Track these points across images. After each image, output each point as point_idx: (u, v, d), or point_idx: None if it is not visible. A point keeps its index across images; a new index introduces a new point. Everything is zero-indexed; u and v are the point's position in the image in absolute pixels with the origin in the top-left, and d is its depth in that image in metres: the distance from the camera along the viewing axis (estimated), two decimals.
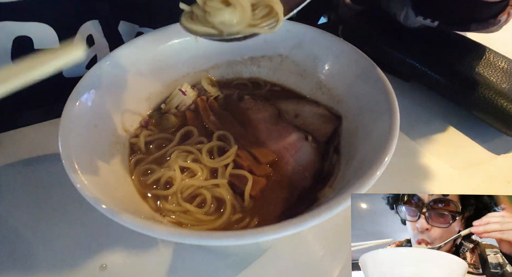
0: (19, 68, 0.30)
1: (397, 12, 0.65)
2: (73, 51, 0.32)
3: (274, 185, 0.47)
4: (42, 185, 0.56)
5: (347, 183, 0.40)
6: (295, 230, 0.33)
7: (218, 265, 0.48)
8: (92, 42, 0.67)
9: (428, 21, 0.61)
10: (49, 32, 0.60)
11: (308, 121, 0.53)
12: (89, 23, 0.63)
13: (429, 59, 0.65)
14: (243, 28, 0.40)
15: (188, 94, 0.57)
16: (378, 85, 0.46)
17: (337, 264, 0.48)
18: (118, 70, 0.51)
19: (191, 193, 0.46)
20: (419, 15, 0.61)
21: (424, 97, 0.69)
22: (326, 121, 0.52)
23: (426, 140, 0.62)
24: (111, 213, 0.35)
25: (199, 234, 0.34)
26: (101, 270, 0.47)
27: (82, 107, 0.46)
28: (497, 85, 0.59)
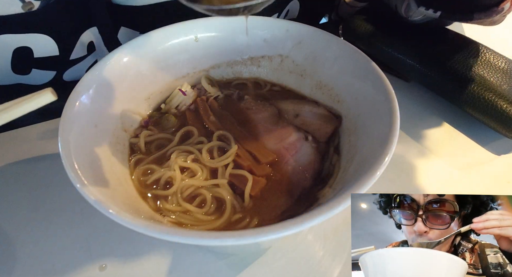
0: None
1: (398, 4, 0.64)
2: (44, 97, 0.37)
3: (274, 185, 0.47)
4: (42, 185, 0.56)
5: (347, 183, 0.40)
6: (295, 230, 0.33)
7: (218, 265, 0.48)
8: (93, 49, 0.67)
9: (431, 12, 0.60)
10: (49, 42, 0.61)
11: (308, 121, 0.53)
12: (88, 31, 0.64)
13: (429, 59, 0.65)
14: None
15: (188, 94, 0.57)
16: (378, 85, 0.46)
17: (337, 264, 0.48)
18: (118, 70, 0.51)
19: (191, 193, 0.46)
20: (420, 5, 0.60)
21: (424, 97, 0.69)
22: (326, 121, 0.52)
23: (426, 140, 0.62)
24: (111, 213, 0.35)
25: (199, 234, 0.34)
26: (101, 270, 0.47)
27: (82, 107, 0.46)
28: (497, 87, 0.59)
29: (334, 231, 0.51)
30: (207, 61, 0.60)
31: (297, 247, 0.50)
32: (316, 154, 0.50)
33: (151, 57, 0.55)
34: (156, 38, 0.55)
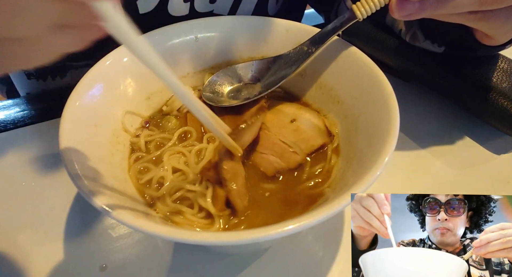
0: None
1: (403, 30, 0.64)
2: None
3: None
4: (42, 185, 0.56)
5: (347, 183, 0.40)
6: (295, 230, 0.33)
7: (218, 265, 0.48)
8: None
9: (436, 46, 0.60)
10: None
11: (302, 128, 0.52)
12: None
13: (428, 59, 0.65)
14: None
15: None
16: (378, 85, 0.46)
17: (337, 264, 0.48)
18: (118, 70, 0.51)
19: (180, 196, 0.46)
20: (428, 38, 0.60)
21: (424, 97, 0.69)
22: (318, 134, 0.52)
23: (426, 140, 0.62)
24: (111, 213, 0.35)
25: (199, 234, 0.34)
26: (101, 270, 0.47)
27: (82, 107, 0.46)
28: (498, 85, 0.59)
29: (334, 231, 0.51)
30: (207, 61, 0.60)
31: (297, 247, 0.50)
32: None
33: None
34: (156, 38, 0.55)
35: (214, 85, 0.56)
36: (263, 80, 0.55)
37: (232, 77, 0.57)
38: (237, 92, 0.56)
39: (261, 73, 0.55)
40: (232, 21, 0.58)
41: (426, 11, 0.42)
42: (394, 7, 0.43)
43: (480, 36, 0.51)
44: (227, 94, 0.56)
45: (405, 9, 0.42)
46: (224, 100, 0.55)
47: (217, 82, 0.56)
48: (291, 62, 0.53)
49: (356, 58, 0.51)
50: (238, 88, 0.56)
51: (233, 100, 0.55)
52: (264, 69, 0.55)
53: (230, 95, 0.55)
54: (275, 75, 0.54)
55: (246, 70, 0.56)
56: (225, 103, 0.54)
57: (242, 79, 0.56)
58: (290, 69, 0.52)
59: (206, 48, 0.58)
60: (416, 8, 0.42)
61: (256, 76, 0.56)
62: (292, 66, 0.53)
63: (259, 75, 0.56)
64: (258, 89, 0.55)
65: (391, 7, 0.43)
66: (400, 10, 0.42)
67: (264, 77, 0.55)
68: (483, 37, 0.51)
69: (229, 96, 0.55)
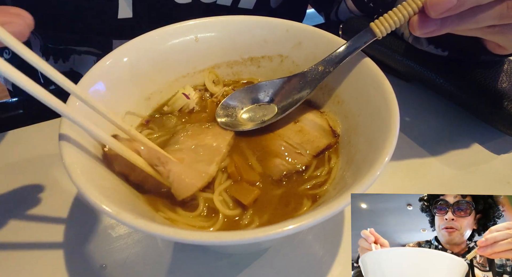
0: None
1: (406, 32, 0.64)
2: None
3: (269, 189, 0.47)
4: (42, 185, 0.56)
5: (347, 183, 0.40)
6: (295, 230, 0.33)
7: (218, 265, 0.48)
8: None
9: (439, 51, 0.60)
10: None
11: (306, 129, 0.52)
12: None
13: (428, 59, 0.65)
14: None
15: (192, 97, 0.57)
16: (378, 85, 0.46)
17: (337, 264, 0.48)
18: (118, 69, 0.51)
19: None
20: (431, 43, 0.60)
21: (424, 97, 0.69)
22: (323, 135, 0.52)
23: (426, 140, 0.62)
24: (111, 213, 0.35)
25: (199, 234, 0.34)
26: (101, 270, 0.47)
27: (82, 107, 0.45)
28: (498, 85, 0.59)
29: (334, 231, 0.51)
30: (207, 61, 0.59)
31: (297, 247, 0.50)
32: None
33: (151, 57, 0.55)
34: (156, 38, 0.55)
35: (228, 108, 0.55)
36: (277, 100, 0.55)
37: (246, 99, 0.56)
38: (253, 113, 0.55)
39: (275, 94, 0.55)
40: (232, 21, 0.58)
41: (447, 28, 0.41)
42: (416, 25, 0.42)
43: (492, 47, 0.51)
44: (241, 116, 0.55)
45: (427, 27, 0.42)
46: (241, 123, 0.54)
47: (230, 105, 0.55)
48: (305, 82, 0.52)
49: (356, 58, 0.51)
50: (253, 109, 0.55)
51: (250, 122, 0.53)
52: (278, 89, 0.55)
53: (245, 117, 0.54)
54: (290, 95, 0.53)
55: (260, 91, 0.55)
56: (242, 127, 0.53)
57: (256, 101, 0.56)
58: (306, 90, 0.51)
59: (206, 48, 0.58)
60: (438, 25, 0.41)
61: (271, 96, 0.55)
62: (308, 86, 0.52)
63: (274, 95, 0.55)
64: (273, 109, 0.54)
65: (412, 25, 0.43)
66: (422, 28, 0.42)
67: (277, 97, 0.55)
68: (495, 47, 0.50)
69: (245, 119, 0.54)
